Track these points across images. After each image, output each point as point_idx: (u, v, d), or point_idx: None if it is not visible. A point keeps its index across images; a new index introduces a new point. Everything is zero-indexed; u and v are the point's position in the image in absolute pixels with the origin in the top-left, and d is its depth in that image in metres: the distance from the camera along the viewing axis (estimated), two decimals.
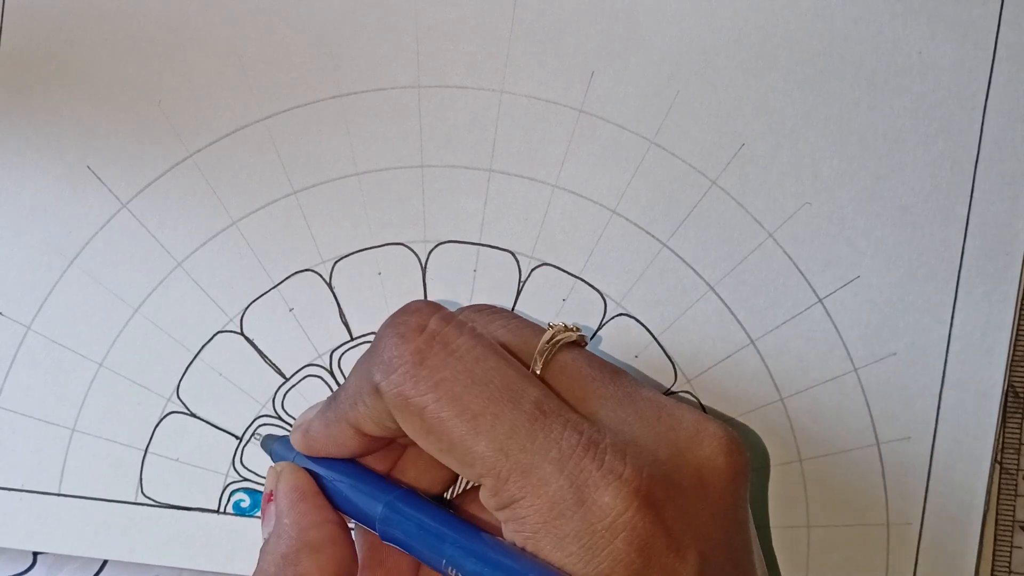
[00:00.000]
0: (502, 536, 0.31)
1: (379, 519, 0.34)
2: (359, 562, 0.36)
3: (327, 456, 0.36)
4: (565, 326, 0.34)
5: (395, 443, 0.36)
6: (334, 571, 0.33)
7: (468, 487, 0.38)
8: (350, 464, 0.36)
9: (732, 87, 0.39)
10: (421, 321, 0.33)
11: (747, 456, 0.32)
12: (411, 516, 0.33)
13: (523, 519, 0.30)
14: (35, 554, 0.41)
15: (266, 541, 0.35)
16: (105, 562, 0.41)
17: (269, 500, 0.36)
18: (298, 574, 0.33)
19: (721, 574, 0.31)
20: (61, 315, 0.40)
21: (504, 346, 0.33)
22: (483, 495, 0.31)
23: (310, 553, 0.34)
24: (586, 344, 0.35)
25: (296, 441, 0.36)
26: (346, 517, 0.35)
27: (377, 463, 0.36)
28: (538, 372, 0.33)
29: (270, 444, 0.38)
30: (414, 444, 0.36)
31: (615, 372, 0.34)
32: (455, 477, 0.37)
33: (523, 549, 0.30)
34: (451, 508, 0.36)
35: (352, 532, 0.36)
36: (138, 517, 0.41)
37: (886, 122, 0.39)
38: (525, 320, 0.35)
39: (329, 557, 0.34)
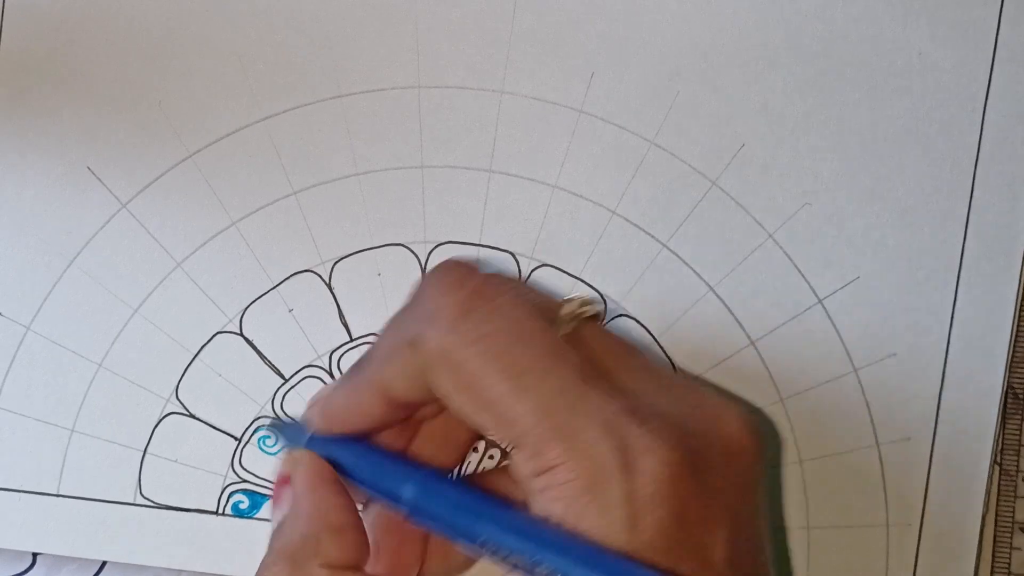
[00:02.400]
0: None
1: (409, 500, 0.33)
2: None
3: (345, 430, 0.34)
4: (585, 300, 0.34)
5: (410, 421, 0.35)
6: (353, 553, 0.33)
7: (479, 469, 0.38)
8: (368, 445, 0.35)
9: (732, 88, 0.39)
10: (463, 276, 0.32)
11: (763, 439, 0.32)
12: (444, 496, 0.32)
13: (564, 484, 0.29)
14: (34, 555, 0.41)
15: (280, 523, 0.34)
16: (104, 563, 0.41)
17: (283, 484, 0.35)
18: (320, 554, 0.32)
19: (744, 552, 0.30)
20: (61, 315, 0.40)
21: None
22: (519, 459, 0.31)
23: (331, 535, 0.32)
24: (604, 319, 0.35)
25: (313, 416, 0.35)
26: (356, 494, 0.35)
27: (391, 442, 0.35)
28: None
29: (278, 428, 0.38)
30: (430, 420, 0.36)
31: (633, 348, 0.33)
32: (466, 454, 0.37)
33: (558, 523, 0.30)
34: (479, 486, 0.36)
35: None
36: (137, 518, 0.40)
37: (886, 123, 0.39)
38: (544, 293, 0.35)
39: (350, 542, 0.33)
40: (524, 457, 0.30)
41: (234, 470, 0.41)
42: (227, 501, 0.41)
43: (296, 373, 0.41)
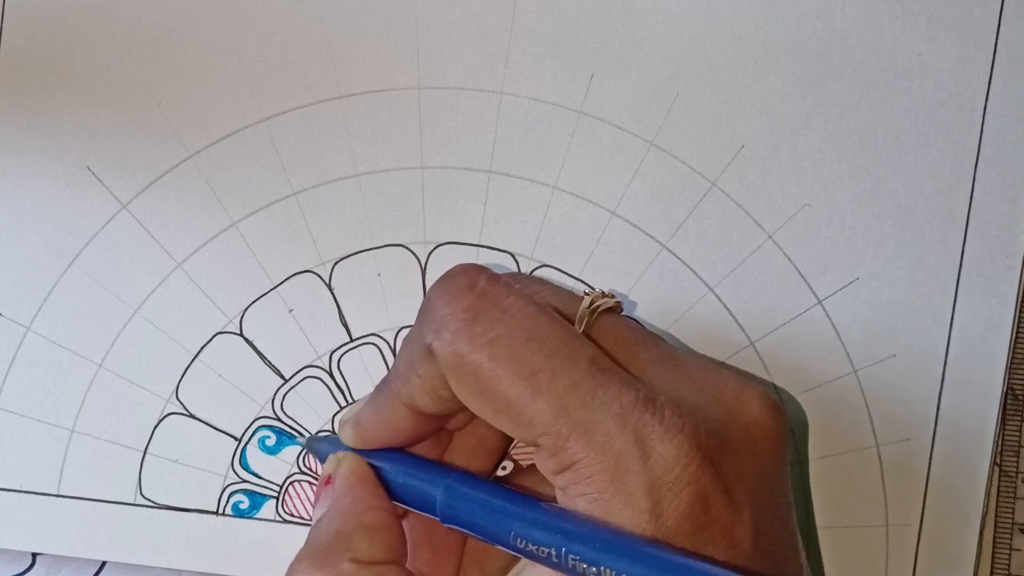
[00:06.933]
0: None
1: (440, 503, 0.33)
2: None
3: (379, 445, 0.35)
4: (603, 293, 0.34)
5: (443, 432, 0.36)
6: (386, 554, 0.33)
7: (512, 470, 0.38)
8: (403, 453, 0.35)
9: (732, 89, 0.39)
10: (470, 280, 0.32)
11: (787, 419, 0.33)
12: (473, 497, 0.33)
13: (588, 479, 0.30)
14: (34, 555, 0.41)
15: (318, 520, 0.34)
16: (104, 563, 0.41)
17: (326, 484, 0.36)
18: (351, 549, 0.32)
19: (771, 533, 0.31)
20: (61, 316, 0.40)
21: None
22: (540, 458, 0.31)
23: (365, 534, 0.33)
24: (622, 310, 0.35)
25: (347, 436, 0.36)
26: (396, 507, 0.35)
27: (425, 452, 0.36)
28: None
29: (315, 444, 0.38)
30: (462, 429, 0.36)
31: (654, 337, 0.34)
32: (500, 461, 0.37)
33: (587, 515, 0.30)
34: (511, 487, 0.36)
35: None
36: (137, 518, 0.41)
37: (886, 123, 0.39)
38: (561, 288, 0.35)
39: (383, 540, 0.33)
40: (545, 456, 0.31)
41: (234, 470, 0.41)
42: (227, 501, 0.41)
43: (296, 373, 0.41)
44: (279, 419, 0.41)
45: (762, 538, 0.30)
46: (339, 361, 0.41)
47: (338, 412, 0.41)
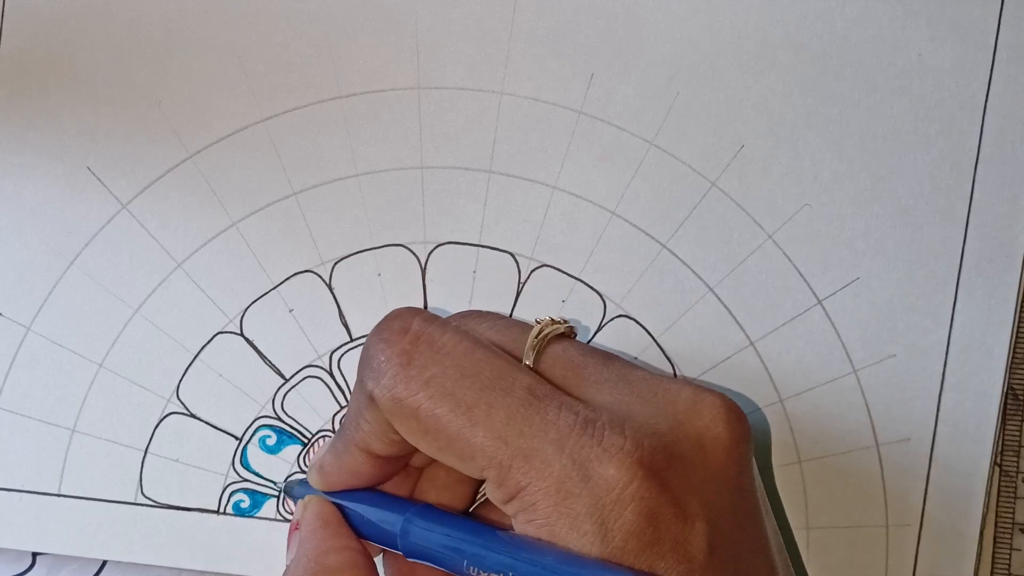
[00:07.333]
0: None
1: (399, 535, 0.34)
2: None
3: (345, 488, 0.36)
4: (552, 320, 0.34)
5: (410, 468, 0.37)
6: None
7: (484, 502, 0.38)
8: (370, 493, 0.36)
9: (732, 88, 0.39)
10: (404, 324, 0.33)
11: (747, 423, 0.32)
12: (429, 527, 0.33)
13: (533, 506, 0.30)
14: (35, 554, 0.41)
15: (287, 568, 0.35)
16: (105, 562, 0.41)
17: (294, 530, 0.36)
18: None
19: (731, 541, 0.30)
20: (61, 316, 0.40)
21: (494, 345, 0.34)
22: (489, 490, 0.31)
23: (328, 575, 0.34)
24: (575, 335, 0.35)
25: (313, 480, 0.36)
26: (373, 546, 0.35)
27: (396, 490, 0.36)
28: (530, 364, 0.33)
29: (292, 488, 0.39)
30: (429, 465, 0.36)
31: (607, 357, 0.34)
32: (475, 493, 0.37)
33: (539, 539, 0.30)
34: (472, 518, 0.36)
35: (381, 563, 0.36)
36: (138, 517, 0.41)
37: (886, 123, 0.39)
38: (512, 319, 0.36)
39: None
40: (493, 487, 0.31)
41: (235, 469, 0.41)
42: (228, 500, 0.41)
43: (296, 373, 0.41)
44: (280, 419, 0.41)
45: (721, 547, 0.30)
46: (339, 361, 0.41)
47: (338, 412, 0.41)
